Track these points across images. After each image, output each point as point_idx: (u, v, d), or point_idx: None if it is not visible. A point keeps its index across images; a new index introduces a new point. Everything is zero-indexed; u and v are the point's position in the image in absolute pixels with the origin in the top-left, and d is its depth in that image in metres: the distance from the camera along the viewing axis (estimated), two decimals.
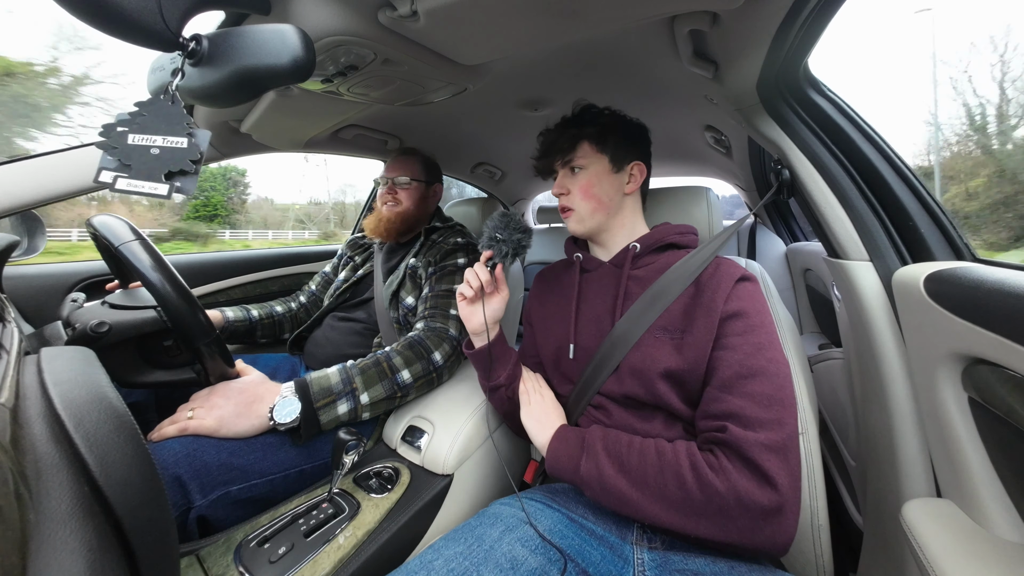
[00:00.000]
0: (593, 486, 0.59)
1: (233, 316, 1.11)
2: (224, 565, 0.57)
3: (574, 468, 0.61)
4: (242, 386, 0.74)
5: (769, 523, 0.50)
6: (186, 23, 0.45)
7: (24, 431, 0.32)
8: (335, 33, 0.58)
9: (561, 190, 0.79)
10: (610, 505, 0.58)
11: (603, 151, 0.77)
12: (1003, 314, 0.45)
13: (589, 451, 0.62)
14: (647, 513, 0.55)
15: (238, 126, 0.97)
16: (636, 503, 0.56)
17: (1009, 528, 0.50)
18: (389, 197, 1.13)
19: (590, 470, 0.60)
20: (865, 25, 21.85)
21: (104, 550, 0.28)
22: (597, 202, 0.77)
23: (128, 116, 0.49)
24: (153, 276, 0.65)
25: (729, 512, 0.51)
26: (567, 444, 0.65)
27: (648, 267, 0.76)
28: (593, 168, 0.77)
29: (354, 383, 0.80)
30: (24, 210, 0.84)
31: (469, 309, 0.76)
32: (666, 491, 0.54)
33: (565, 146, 0.78)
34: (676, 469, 0.55)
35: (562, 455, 0.64)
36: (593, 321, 0.76)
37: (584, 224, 0.79)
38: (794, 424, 0.55)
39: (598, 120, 0.79)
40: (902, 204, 0.68)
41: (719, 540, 0.52)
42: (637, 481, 0.57)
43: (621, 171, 0.78)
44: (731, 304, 0.63)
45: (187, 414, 0.70)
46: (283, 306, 1.25)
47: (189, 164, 0.48)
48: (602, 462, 0.60)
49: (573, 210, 0.79)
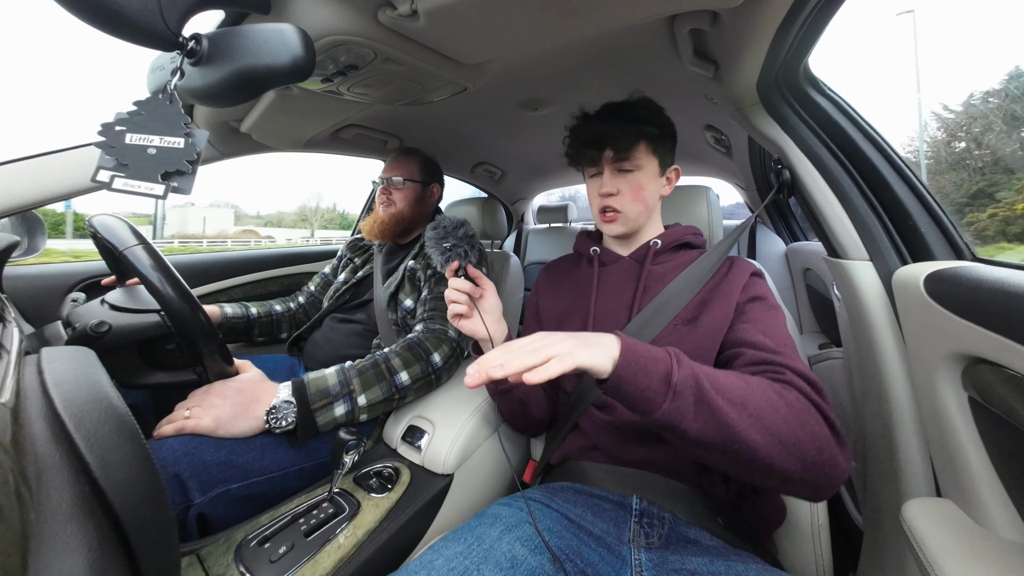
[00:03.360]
0: (686, 397, 0.47)
1: (231, 312, 1.10)
2: (224, 565, 0.57)
3: (664, 373, 0.48)
4: (240, 385, 0.74)
5: (839, 444, 0.50)
6: (186, 22, 0.45)
7: (24, 431, 0.32)
8: (335, 32, 0.58)
9: (611, 190, 0.74)
10: (699, 428, 0.47)
11: (655, 154, 0.75)
12: (1003, 314, 0.45)
13: (680, 359, 0.50)
14: (743, 433, 0.47)
15: (238, 126, 0.97)
16: (735, 422, 0.47)
17: (1009, 528, 0.50)
18: (384, 198, 1.13)
19: (685, 377, 0.48)
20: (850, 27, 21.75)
21: (104, 550, 0.28)
22: (644, 205, 0.76)
23: (126, 115, 0.49)
24: (159, 282, 0.65)
25: (808, 421, 0.49)
26: (647, 348, 0.50)
27: (666, 264, 0.77)
28: (646, 170, 0.74)
29: (351, 385, 0.79)
30: (24, 210, 0.84)
31: (469, 324, 0.72)
32: (761, 407, 0.48)
33: (624, 144, 0.73)
34: (759, 384, 0.51)
35: (641, 356, 0.48)
36: (610, 314, 0.76)
37: (628, 226, 0.77)
38: (820, 384, 0.56)
39: (658, 120, 0.75)
40: (902, 204, 0.68)
41: (800, 473, 0.48)
42: (730, 398, 0.48)
43: (663, 175, 0.78)
44: (748, 291, 0.68)
45: (184, 413, 0.69)
46: (282, 305, 1.25)
47: (186, 164, 0.48)
48: (697, 371, 0.49)
49: (621, 213, 0.75)
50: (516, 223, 2.54)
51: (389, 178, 1.12)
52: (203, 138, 0.49)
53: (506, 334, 0.77)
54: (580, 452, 0.74)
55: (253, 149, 1.12)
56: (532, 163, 1.80)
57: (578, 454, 0.74)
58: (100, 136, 0.47)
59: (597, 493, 0.67)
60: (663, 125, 0.76)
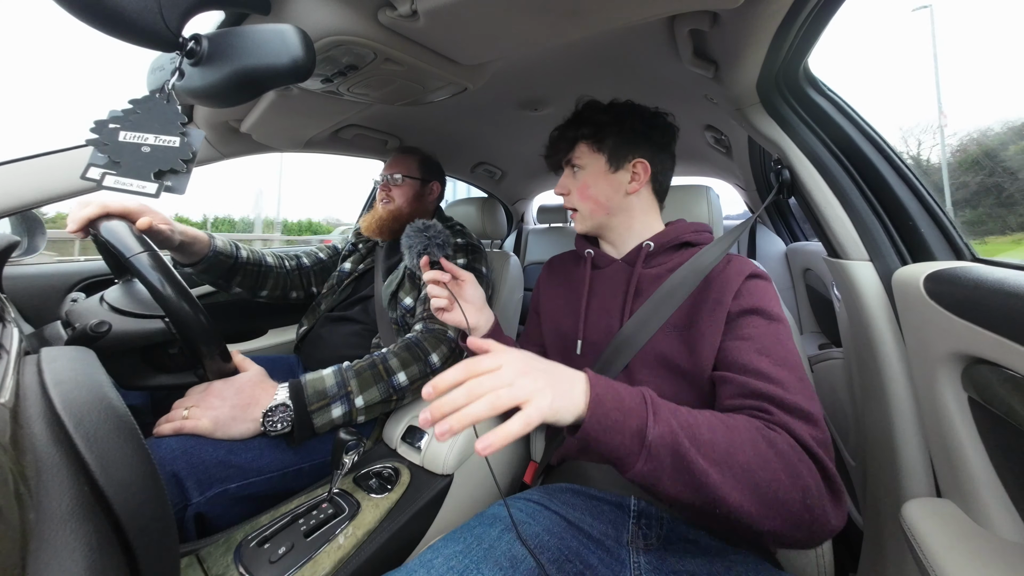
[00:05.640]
0: (663, 458, 0.43)
1: (220, 246, 1.00)
2: (224, 565, 0.57)
3: (637, 429, 0.43)
4: (239, 386, 0.73)
5: (833, 498, 0.46)
6: (186, 23, 0.45)
7: (24, 431, 0.32)
8: (335, 33, 0.58)
9: (562, 191, 0.80)
10: (673, 485, 0.43)
11: (600, 150, 0.76)
12: (1003, 314, 0.45)
13: (657, 410, 0.45)
14: (725, 497, 0.43)
15: (238, 126, 0.97)
16: (717, 485, 0.43)
17: (1009, 528, 0.50)
18: (384, 194, 1.13)
19: (662, 434, 0.43)
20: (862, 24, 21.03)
21: (104, 550, 0.28)
22: (595, 203, 0.77)
23: (121, 113, 0.48)
24: (167, 292, 0.64)
25: (800, 474, 0.45)
26: (619, 396, 0.45)
27: (662, 266, 0.74)
28: (590, 168, 0.77)
29: (349, 386, 0.79)
30: (24, 210, 0.84)
31: (451, 315, 0.75)
32: (747, 464, 0.45)
33: (564, 146, 0.79)
34: (746, 433, 0.47)
35: (612, 409, 0.43)
36: (602, 318, 0.75)
37: (585, 223, 0.80)
38: (820, 411, 0.52)
39: (594, 119, 0.77)
40: (902, 204, 0.68)
41: (787, 532, 0.45)
42: (712, 457, 0.44)
43: (620, 170, 0.75)
44: (742, 300, 0.62)
45: (182, 412, 0.69)
46: (274, 259, 1.17)
47: (180, 163, 0.48)
48: (676, 425, 0.44)
49: (577, 211, 0.80)
50: (516, 223, 2.54)
51: (389, 175, 1.13)
52: (199, 138, 0.49)
53: (491, 323, 0.78)
54: (579, 452, 0.74)
55: (253, 149, 1.12)
56: (532, 163, 1.80)
57: (577, 454, 0.74)
58: (92, 133, 0.47)
59: (595, 494, 0.67)
60: (600, 123, 0.76)
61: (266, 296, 1.16)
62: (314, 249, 1.31)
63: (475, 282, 0.78)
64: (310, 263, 1.26)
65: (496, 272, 1.33)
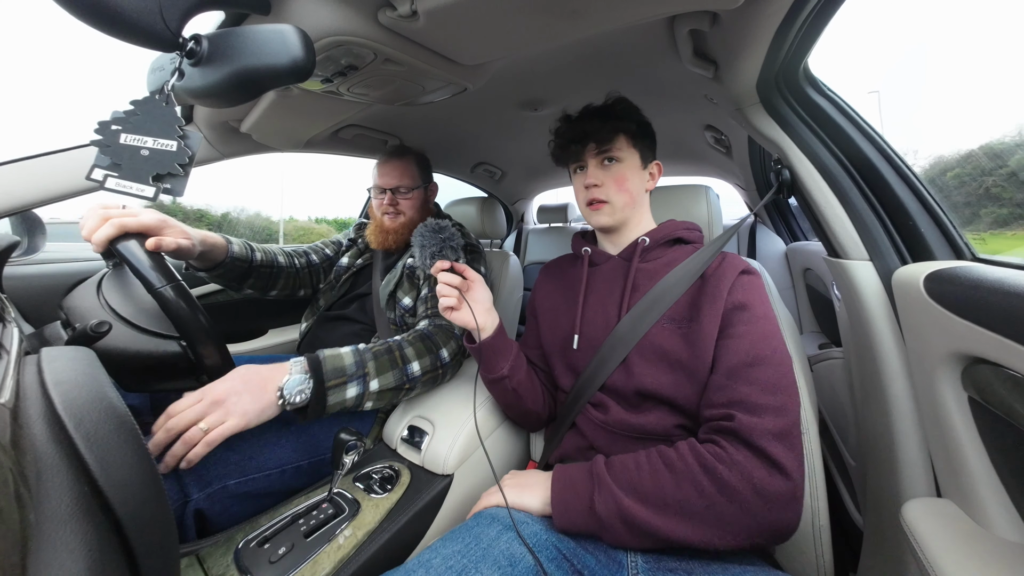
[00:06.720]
0: (613, 524, 0.55)
1: (237, 251, 1.00)
2: (224, 565, 0.57)
3: (585, 507, 0.57)
4: (241, 374, 0.68)
5: (786, 510, 0.51)
6: (186, 23, 0.45)
7: (24, 431, 0.32)
8: (335, 33, 0.58)
9: (596, 181, 0.77)
10: (635, 542, 0.55)
11: (635, 147, 0.79)
12: (1003, 314, 0.45)
13: (600, 483, 0.58)
14: (676, 537, 0.53)
15: (238, 126, 0.97)
16: (663, 530, 0.53)
17: (1009, 528, 0.50)
18: (390, 208, 1.10)
19: (607, 504, 0.56)
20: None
21: (104, 550, 0.28)
22: (629, 196, 0.78)
23: (123, 114, 0.49)
24: (193, 323, 0.64)
25: (749, 506, 0.51)
26: (571, 483, 0.60)
27: (656, 261, 0.77)
28: (628, 162, 0.78)
29: (367, 368, 0.77)
30: (24, 210, 0.84)
31: (459, 315, 0.74)
32: (688, 506, 0.53)
33: (604, 136, 0.77)
34: (691, 476, 0.54)
35: (569, 496, 0.59)
36: (600, 313, 0.76)
37: (615, 216, 0.79)
38: (797, 410, 0.56)
39: (635, 116, 0.80)
40: (902, 203, 0.68)
41: (742, 546, 0.52)
42: (658, 505, 0.54)
43: (645, 168, 0.81)
44: (735, 295, 0.66)
45: (200, 427, 0.62)
46: (285, 259, 1.16)
47: (177, 167, 0.48)
48: (617, 493, 0.56)
49: (607, 203, 0.77)
50: (516, 223, 2.54)
51: (397, 188, 1.10)
52: (197, 141, 0.49)
53: (497, 324, 0.78)
54: (577, 452, 0.74)
55: (253, 149, 1.12)
56: (532, 163, 1.80)
57: (575, 454, 0.74)
58: (96, 135, 0.47)
59: None
60: (640, 123, 0.80)
61: (276, 295, 1.16)
62: (320, 245, 1.30)
63: (484, 283, 0.78)
64: (319, 260, 1.25)
65: (496, 272, 1.33)
